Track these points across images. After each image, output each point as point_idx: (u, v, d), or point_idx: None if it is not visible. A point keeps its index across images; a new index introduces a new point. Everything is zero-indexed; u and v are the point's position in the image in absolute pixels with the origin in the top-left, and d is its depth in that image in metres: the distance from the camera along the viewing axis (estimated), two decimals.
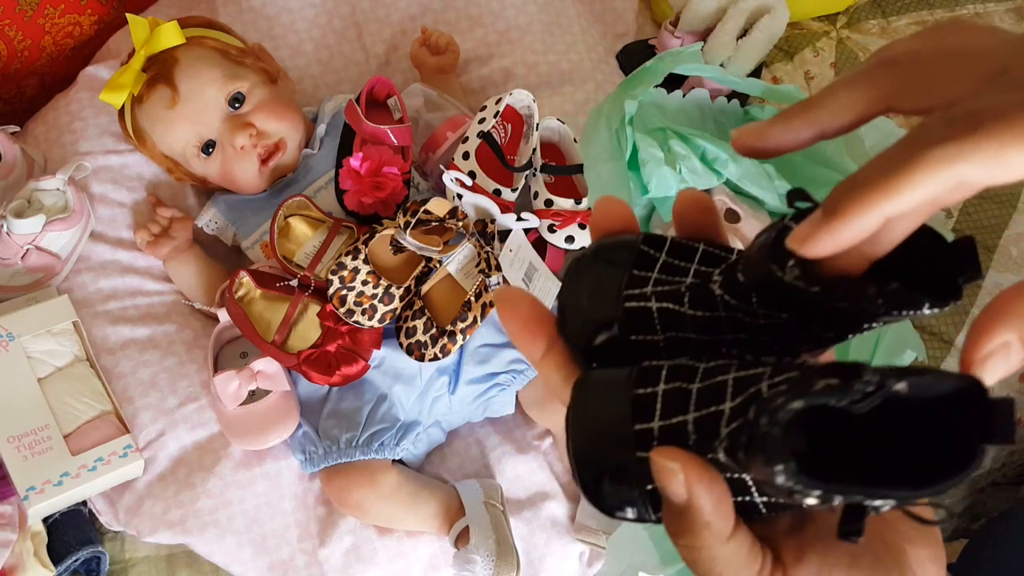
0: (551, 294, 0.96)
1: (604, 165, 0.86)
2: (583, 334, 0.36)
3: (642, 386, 0.34)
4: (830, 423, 0.30)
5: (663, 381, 0.33)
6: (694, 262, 0.37)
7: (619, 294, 0.36)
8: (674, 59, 0.88)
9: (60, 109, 1.10)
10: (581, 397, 0.37)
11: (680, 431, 0.31)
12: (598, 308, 0.36)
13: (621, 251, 0.37)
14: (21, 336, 0.95)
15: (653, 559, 0.77)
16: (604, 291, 0.36)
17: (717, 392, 0.31)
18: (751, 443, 0.28)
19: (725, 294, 0.34)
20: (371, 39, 1.20)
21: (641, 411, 0.33)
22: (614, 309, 0.36)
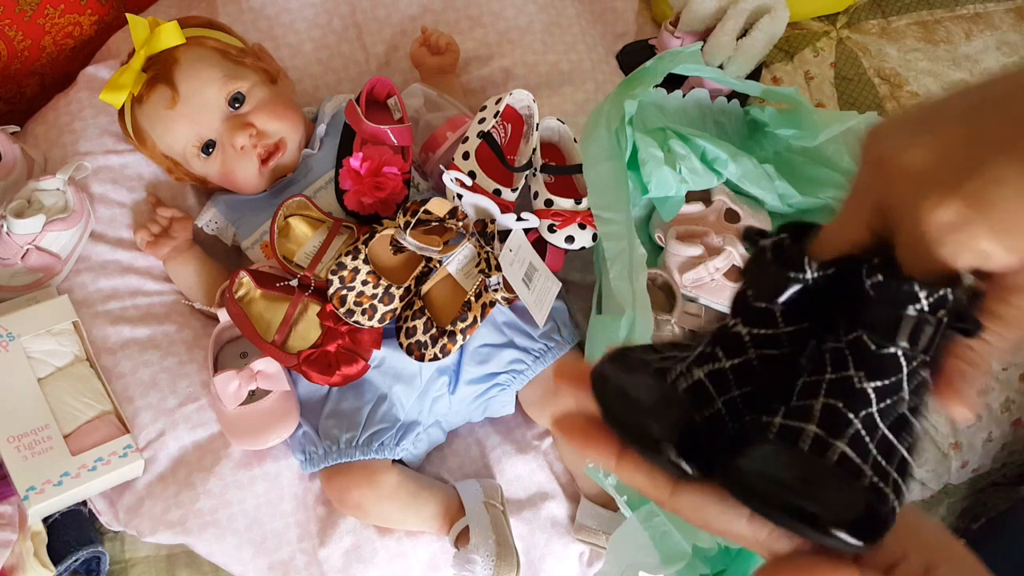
0: (551, 294, 0.96)
1: (604, 165, 0.86)
2: (655, 432, 0.36)
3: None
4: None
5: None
6: (693, 348, 0.40)
7: (667, 381, 0.37)
8: (674, 59, 0.88)
9: (60, 109, 1.10)
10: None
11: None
12: (657, 403, 0.37)
13: (631, 357, 0.39)
14: (21, 336, 0.95)
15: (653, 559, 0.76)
16: (648, 387, 0.38)
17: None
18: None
19: (751, 328, 0.37)
20: (371, 39, 1.20)
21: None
22: (674, 394, 0.37)
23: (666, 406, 0.36)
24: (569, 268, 1.06)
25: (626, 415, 0.37)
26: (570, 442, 0.38)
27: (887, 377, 0.35)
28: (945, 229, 0.32)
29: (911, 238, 0.33)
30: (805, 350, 0.37)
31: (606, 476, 0.79)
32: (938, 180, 0.32)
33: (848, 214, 0.37)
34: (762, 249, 0.37)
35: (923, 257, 0.33)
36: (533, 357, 0.99)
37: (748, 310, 0.37)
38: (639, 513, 0.78)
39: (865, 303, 0.35)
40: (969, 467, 1.14)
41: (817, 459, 0.34)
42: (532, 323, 0.98)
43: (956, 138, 0.32)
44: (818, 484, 0.34)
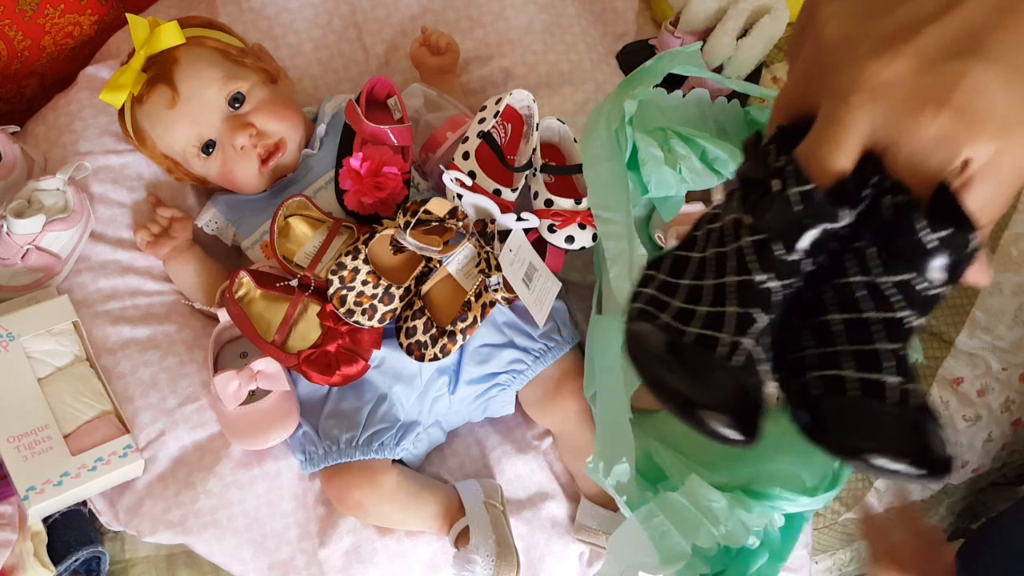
0: (551, 294, 0.96)
1: (604, 165, 0.85)
2: (727, 422, 0.37)
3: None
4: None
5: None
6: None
7: (717, 356, 0.37)
8: (674, 59, 0.88)
9: (60, 109, 1.10)
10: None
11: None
12: (721, 389, 0.37)
13: (664, 329, 0.39)
14: (21, 336, 0.95)
15: (653, 559, 0.76)
16: (707, 371, 0.38)
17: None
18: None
19: (782, 281, 0.37)
20: (371, 39, 1.20)
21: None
22: (730, 375, 0.37)
23: (729, 390, 0.37)
24: (569, 268, 1.06)
25: (693, 400, 0.37)
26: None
27: (927, 308, 0.37)
28: (936, 141, 0.34)
29: (904, 151, 0.35)
30: (816, 280, 0.37)
31: (606, 476, 0.79)
32: (923, 94, 0.33)
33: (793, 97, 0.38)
34: (786, 198, 0.37)
35: (917, 169, 0.35)
36: (533, 357, 0.99)
37: (775, 263, 0.37)
38: (639, 513, 0.78)
39: (896, 239, 0.36)
40: (969, 467, 1.14)
41: (908, 409, 0.36)
42: (532, 323, 0.98)
43: (931, 48, 0.34)
44: (918, 433, 0.35)
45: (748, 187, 0.39)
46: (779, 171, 0.37)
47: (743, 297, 0.38)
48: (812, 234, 0.36)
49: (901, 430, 0.36)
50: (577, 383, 0.98)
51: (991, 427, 1.13)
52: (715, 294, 0.39)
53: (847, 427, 0.36)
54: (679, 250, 0.44)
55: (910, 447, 0.35)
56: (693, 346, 0.38)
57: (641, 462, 0.98)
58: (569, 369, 0.99)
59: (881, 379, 0.36)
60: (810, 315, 0.39)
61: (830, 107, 0.36)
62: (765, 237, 0.37)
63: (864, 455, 0.35)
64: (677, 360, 0.38)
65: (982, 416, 1.12)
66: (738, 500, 0.84)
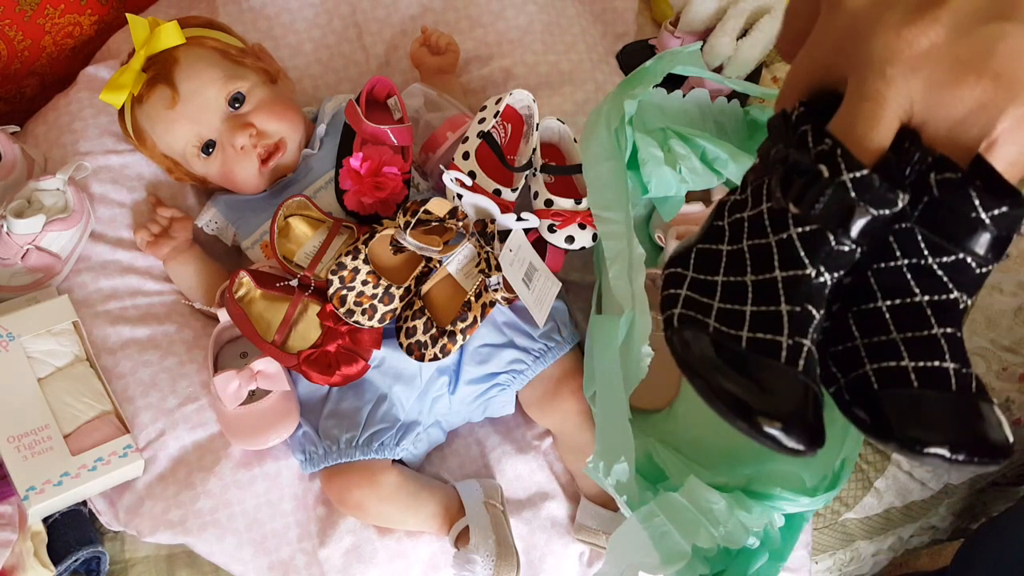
0: (551, 294, 0.96)
1: (604, 165, 0.85)
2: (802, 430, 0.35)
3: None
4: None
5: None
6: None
7: (784, 361, 0.36)
8: (674, 59, 0.88)
9: (60, 109, 1.10)
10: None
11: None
12: (793, 396, 0.36)
13: (717, 336, 0.37)
14: (21, 336, 0.95)
15: (653, 559, 0.76)
16: (777, 378, 0.36)
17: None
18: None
19: (833, 274, 0.35)
20: (371, 39, 1.20)
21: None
22: (798, 380, 0.36)
23: (796, 397, 0.35)
24: (569, 268, 1.06)
25: (761, 410, 0.35)
26: None
27: (976, 286, 0.36)
28: (976, 110, 0.33)
29: (944, 123, 0.33)
30: (857, 265, 0.36)
31: (606, 476, 0.79)
32: (961, 62, 0.32)
33: (808, 68, 0.36)
34: (842, 185, 0.34)
35: (956, 141, 0.33)
36: (533, 357, 0.99)
37: (830, 254, 0.35)
38: (639, 513, 0.78)
39: (947, 218, 0.34)
40: None
41: (969, 396, 0.35)
42: (532, 323, 0.98)
43: (965, 13, 0.32)
44: (979, 420, 0.34)
45: (791, 174, 0.36)
46: (825, 156, 0.34)
47: (795, 293, 0.35)
48: (865, 221, 0.34)
49: (963, 419, 0.34)
50: (577, 383, 0.98)
51: None
52: (761, 291, 0.36)
53: (911, 420, 0.34)
54: (703, 243, 0.41)
55: (973, 436, 0.34)
56: (752, 352, 0.36)
57: (641, 462, 0.98)
58: (569, 369, 0.99)
59: (940, 367, 0.35)
60: (853, 303, 0.37)
61: (863, 80, 0.34)
62: (817, 228, 0.35)
63: (930, 448, 0.34)
64: (737, 368, 0.36)
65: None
66: (738, 500, 0.84)
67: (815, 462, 0.92)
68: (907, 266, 0.36)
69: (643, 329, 0.79)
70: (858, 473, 1.10)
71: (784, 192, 0.36)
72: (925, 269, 0.36)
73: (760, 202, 0.38)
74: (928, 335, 0.35)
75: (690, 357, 0.37)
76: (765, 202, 0.37)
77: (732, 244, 0.39)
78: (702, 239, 0.41)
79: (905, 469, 1.11)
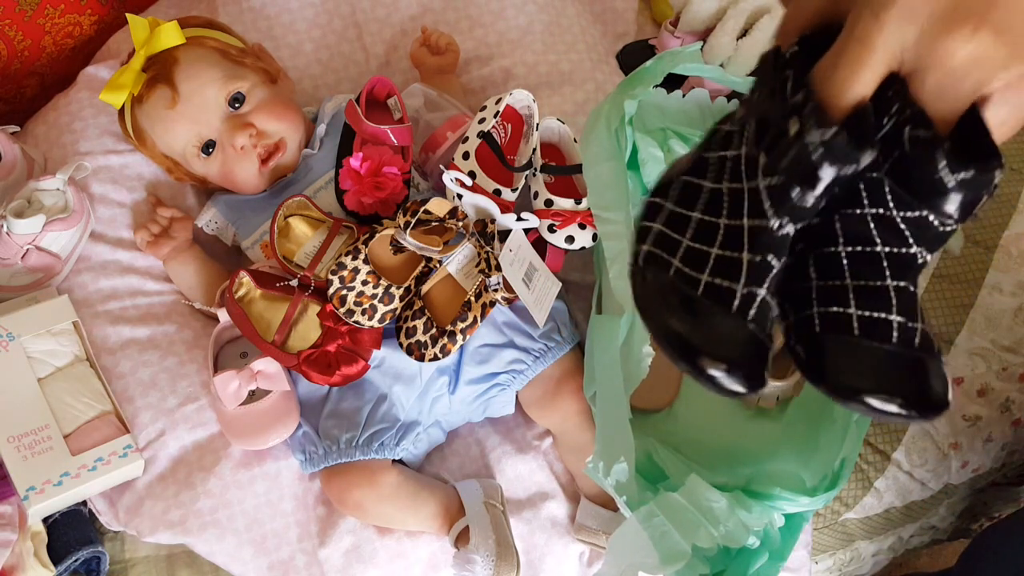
0: (551, 294, 0.96)
1: (604, 165, 0.85)
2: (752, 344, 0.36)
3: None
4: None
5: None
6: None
7: (734, 311, 0.36)
8: (674, 59, 0.88)
9: (60, 109, 1.10)
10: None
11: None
12: (736, 342, 0.36)
13: (677, 280, 0.37)
14: (21, 336, 0.95)
15: (653, 559, 0.76)
16: (720, 323, 0.36)
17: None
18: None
19: (796, 224, 0.35)
20: (371, 39, 1.20)
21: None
22: (745, 329, 0.36)
23: (741, 344, 0.35)
24: (569, 268, 1.06)
25: (704, 352, 0.35)
26: None
27: (938, 244, 0.35)
28: (970, 63, 0.31)
29: (934, 74, 0.32)
30: (825, 207, 0.35)
31: (606, 476, 0.79)
32: (959, 10, 0.31)
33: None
34: (806, 145, 0.33)
35: (945, 94, 0.32)
36: (533, 357, 0.99)
37: (793, 208, 0.35)
38: (639, 513, 0.78)
39: (915, 175, 0.34)
40: (969, 467, 1.14)
41: (911, 349, 0.34)
42: (532, 323, 0.98)
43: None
44: (918, 373, 0.34)
45: (763, 124, 0.36)
46: (797, 108, 0.34)
47: (758, 243, 0.35)
48: (831, 176, 0.34)
49: (900, 371, 0.34)
50: (577, 383, 0.98)
51: (991, 427, 1.13)
52: (728, 236, 0.36)
53: (845, 367, 0.35)
54: (688, 175, 0.40)
55: (908, 388, 0.34)
56: (706, 298, 0.36)
57: (641, 462, 0.98)
58: (569, 369, 0.99)
59: (885, 318, 0.35)
60: (817, 244, 0.37)
61: (856, 20, 0.33)
62: (783, 180, 0.35)
63: (860, 396, 0.34)
64: (689, 312, 0.36)
65: (982, 416, 1.12)
66: (738, 500, 0.84)
67: (815, 462, 0.92)
68: (872, 215, 0.36)
69: (644, 329, 0.79)
70: (858, 473, 1.10)
71: (757, 141, 0.36)
72: (889, 220, 0.35)
73: (741, 144, 0.38)
74: (880, 285, 0.35)
75: (646, 296, 0.38)
76: (744, 146, 0.37)
77: (714, 182, 0.39)
78: (689, 170, 0.41)
79: (905, 469, 1.11)
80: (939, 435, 1.11)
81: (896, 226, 0.35)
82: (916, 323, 0.35)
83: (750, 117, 0.37)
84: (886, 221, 0.35)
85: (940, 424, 1.11)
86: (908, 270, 0.36)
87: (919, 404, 0.34)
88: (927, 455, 1.11)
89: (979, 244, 1.21)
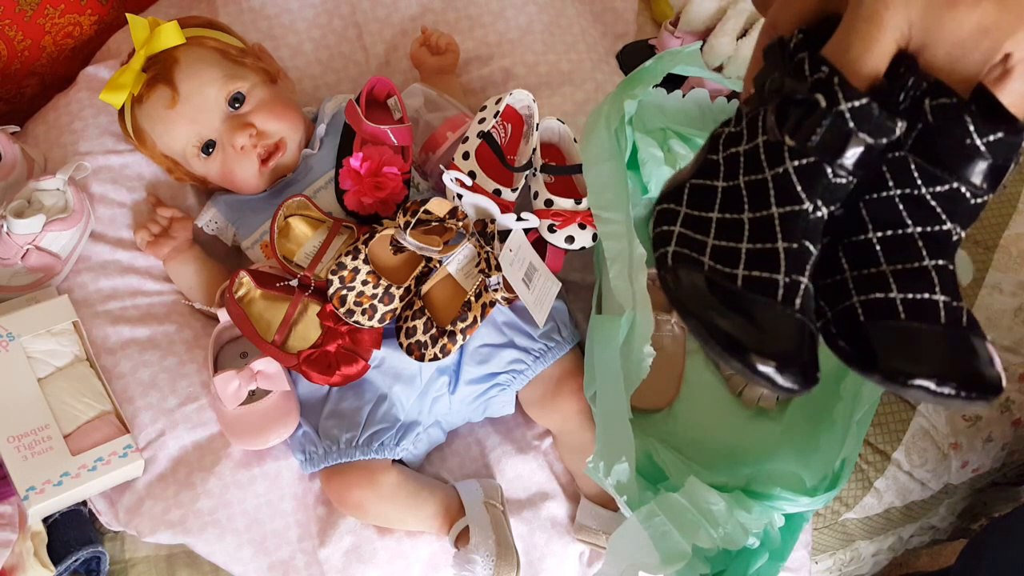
0: (551, 294, 0.96)
1: (604, 165, 0.85)
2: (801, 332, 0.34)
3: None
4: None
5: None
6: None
7: (780, 301, 0.35)
8: (674, 59, 0.88)
9: (60, 109, 1.10)
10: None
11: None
12: (788, 334, 0.35)
13: (711, 274, 0.36)
14: (21, 336, 0.95)
15: (653, 559, 0.76)
16: (769, 315, 0.35)
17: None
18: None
19: (831, 207, 0.34)
20: (371, 39, 1.20)
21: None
22: (794, 317, 0.34)
23: (794, 337, 0.34)
24: (569, 268, 1.06)
25: (757, 350, 0.34)
26: None
27: (971, 218, 0.34)
28: (977, 33, 0.31)
29: (943, 47, 0.32)
30: (850, 196, 0.34)
31: (606, 476, 0.79)
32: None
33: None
34: (840, 115, 0.33)
35: (956, 66, 0.32)
36: (533, 357, 0.99)
37: (828, 188, 0.34)
38: (639, 513, 0.78)
39: (941, 145, 0.33)
40: (969, 467, 1.14)
41: (959, 329, 0.33)
42: (532, 323, 0.98)
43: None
44: (969, 354, 0.33)
45: (787, 105, 0.35)
46: (822, 84, 0.33)
47: (792, 229, 0.34)
48: (862, 151, 0.33)
49: (952, 352, 0.33)
50: (577, 383, 0.98)
51: (991, 427, 1.13)
52: (757, 229, 0.35)
53: (896, 352, 0.33)
54: (696, 178, 0.40)
55: (961, 369, 0.33)
56: (747, 291, 0.34)
57: (641, 462, 0.98)
58: (569, 369, 0.99)
59: (930, 299, 0.34)
60: (844, 235, 0.36)
61: (861, 1, 0.33)
62: (814, 160, 0.34)
63: (915, 380, 0.33)
64: (732, 307, 0.34)
65: (982, 416, 1.12)
66: (738, 500, 0.84)
67: (815, 462, 0.92)
68: (899, 196, 0.35)
69: (644, 329, 0.79)
70: (858, 473, 1.10)
71: (780, 124, 0.35)
72: (918, 199, 0.34)
73: (756, 135, 0.37)
74: (918, 267, 0.34)
75: (684, 295, 0.36)
76: (761, 135, 0.36)
77: (728, 180, 0.38)
78: (695, 174, 0.40)
79: (905, 469, 1.11)
80: (939, 435, 1.11)
81: (927, 204, 0.34)
82: (960, 302, 0.34)
83: (767, 104, 0.36)
84: (915, 200, 0.34)
85: (940, 424, 1.11)
86: (945, 248, 0.34)
87: (974, 386, 0.33)
88: (927, 455, 1.11)
89: (979, 244, 1.21)
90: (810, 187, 0.34)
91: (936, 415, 1.11)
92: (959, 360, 0.33)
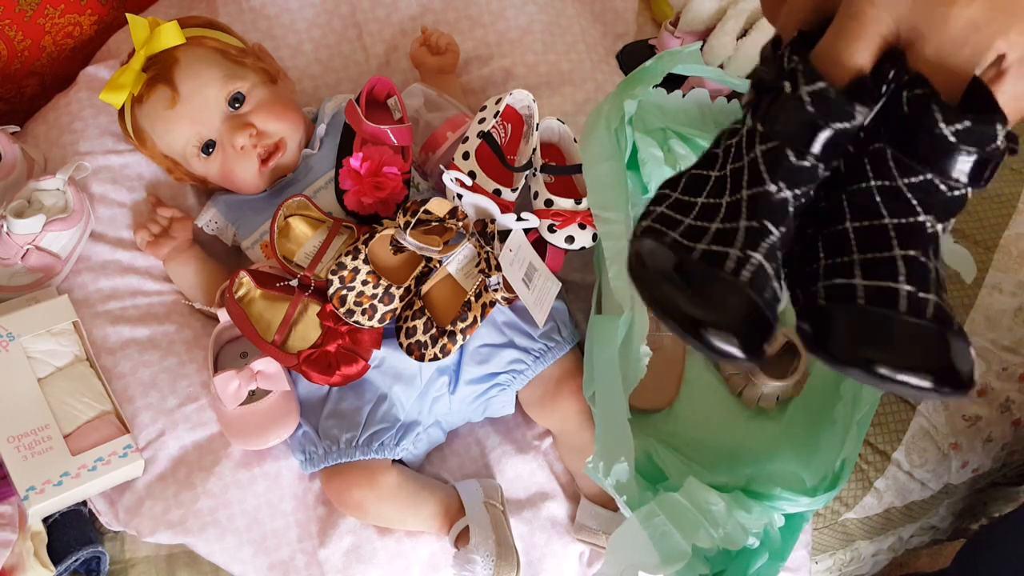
0: (551, 294, 0.96)
1: (604, 165, 0.85)
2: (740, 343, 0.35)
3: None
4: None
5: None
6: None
7: (727, 271, 0.35)
8: (674, 59, 0.88)
9: (60, 109, 1.10)
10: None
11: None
12: (736, 308, 0.35)
13: (670, 242, 0.37)
14: (21, 336, 0.95)
15: (653, 559, 0.76)
16: (714, 286, 0.35)
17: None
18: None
19: (795, 190, 0.35)
20: (371, 39, 1.20)
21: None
22: (741, 291, 0.35)
23: (735, 307, 0.34)
24: (569, 268, 1.06)
25: (697, 318, 0.34)
26: None
27: (949, 212, 0.34)
28: (967, 31, 0.31)
29: (931, 43, 0.32)
30: (833, 188, 0.35)
31: (606, 476, 0.79)
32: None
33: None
34: (798, 99, 0.34)
35: (945, 63, 0.32)
36: (533, 357, 0.99)
37: (790, 171, 0.35)
38: (639, 513, 0.78)
39: (914, 135, 0.33)
40: (969, 467, 1.14)
41: (922, 319, 0.33)
42: (532, 323, 0.98)
43: None
44: (933, 344, 0.33)
45: (760, 93, 0.36)
46: (790, 72, 0.34)
47: (754, 209, 0.35)
48: (825, 135, 0.34)
49: (911, 340, 0.33)
50: (577, 383, 0.98)
51: (991, 427, 1.13)
52: (728, 210, 0.36)
53: (851, 336, 0.33)
54: (697, 168, 0.41)
55: (926, 359, 0.32)
56: (699, 262, 0.35)
57: (641, 462, 0.98)
58: (569, 369, 0.99)
59: (891, 287, 0.34)
60: (826, 225, 0.37)
61: (850, 0, 0.34)
62: (777, 144, 0.35)
63: (869, 365, 0.32)
64: (682, 278, 0.35)
65: (982, 416, 1.12)
66: (738, 500, 0.84)
67: (815, 462, 0.92)
68: (877, 188, 0.35)
69: (643, 329, 0.79)
70: (858, 473, 1.10)
71: (754, 112, 0.36)
72: (894, 190, 0.35)
73: (744, 126, 0.38)
74: (886, 256, 0.34)
75: (640, 266, 0.37)
76: (745, 126, 0.38)
77: (720, 170, 0.39)
78: (697, 165, 0.41)
79: (905, 469, 1.11)
80: (939, 435, 1.11)
81: (901, 195, 0.35)
82: (929, 295, 0.34)
83: (751, 97, 0.38)
84: (891, 191, 0.35)
85: (940, 424, 1.11)
86: (918, 240, 0.34)
87: (935, 376, 0.32)
88: (927, 455, 1.11)
89: (979, 244, 1.21)
90: (773, 169, 0.35)
91: (936, 415, 1.11)
92: (917, 348, 0.33)
